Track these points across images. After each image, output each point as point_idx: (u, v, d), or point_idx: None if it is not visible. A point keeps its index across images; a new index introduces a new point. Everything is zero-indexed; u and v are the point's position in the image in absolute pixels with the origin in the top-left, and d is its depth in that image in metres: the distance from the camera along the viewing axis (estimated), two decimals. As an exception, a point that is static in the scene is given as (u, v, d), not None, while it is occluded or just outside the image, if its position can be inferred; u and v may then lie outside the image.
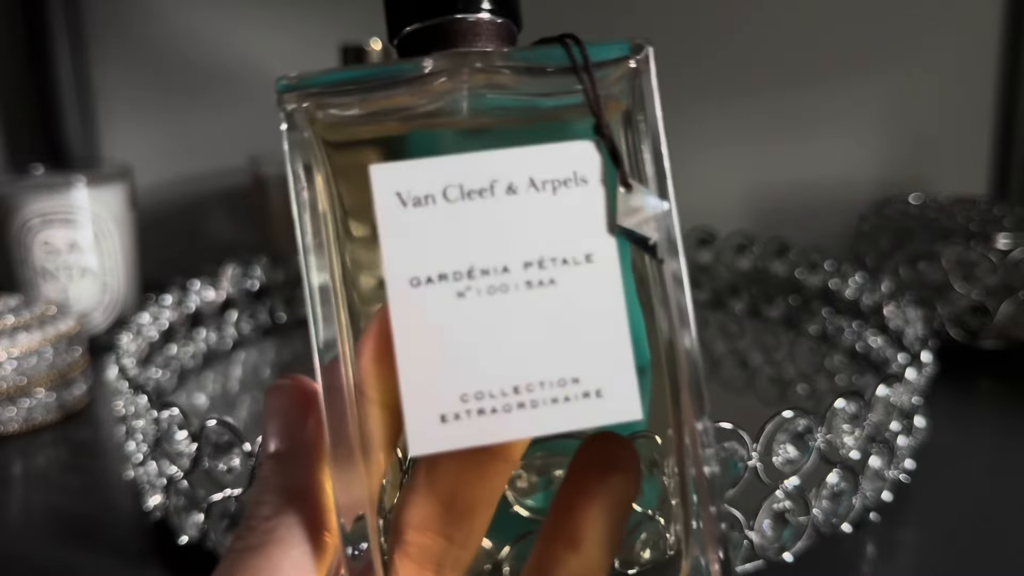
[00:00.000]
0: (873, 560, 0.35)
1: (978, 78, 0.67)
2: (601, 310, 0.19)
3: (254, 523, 0.20)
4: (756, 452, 0.32)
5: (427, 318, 0.19)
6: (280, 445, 0.21)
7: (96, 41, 0.81)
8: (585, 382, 0.19)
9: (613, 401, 0.19)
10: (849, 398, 0.34)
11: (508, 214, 0.19)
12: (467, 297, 0.19)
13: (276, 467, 0.21)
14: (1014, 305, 0.54)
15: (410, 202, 0.19)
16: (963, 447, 0.44)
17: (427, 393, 0.19)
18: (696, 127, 0.72)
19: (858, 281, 0.54)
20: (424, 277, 0.19)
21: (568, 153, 0.20)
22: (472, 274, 0.19)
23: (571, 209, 0.19)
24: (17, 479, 0.45)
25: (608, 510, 0.19)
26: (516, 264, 0.19)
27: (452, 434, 0.19)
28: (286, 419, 0.22)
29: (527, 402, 0.19)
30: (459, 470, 0.19)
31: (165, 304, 0.54)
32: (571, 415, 0.19)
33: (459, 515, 0.20)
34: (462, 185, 0.19)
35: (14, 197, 0.60)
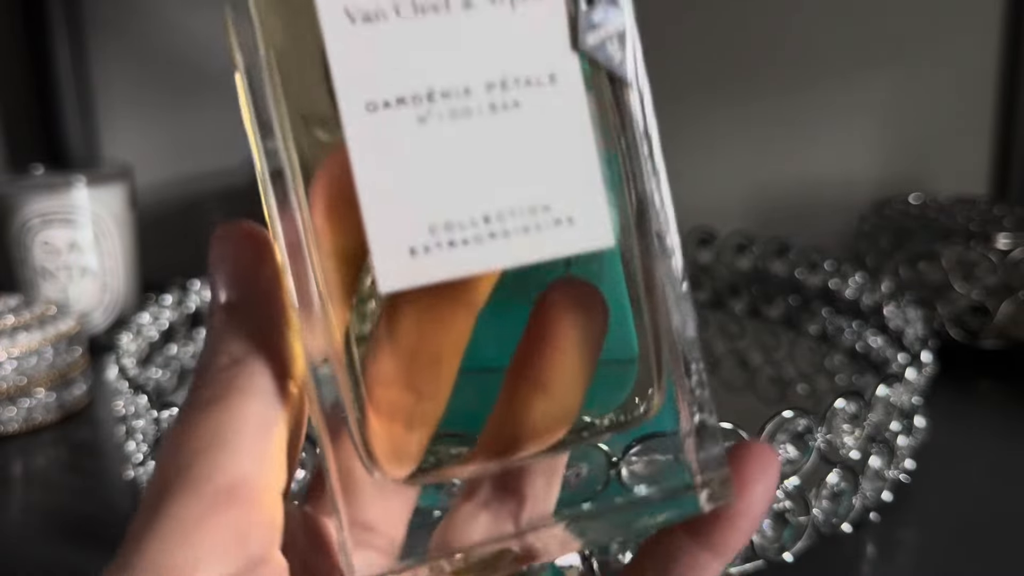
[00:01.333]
0: (873, 560, 0.35)
1: (978, 78, 0.67)
2: (568, 133, 0.18)
3: (210, 374, 0.19)
4: (756, 452, 0.32)
5: (388, 145, 0.18)
6: (232, 294, 0.20)
7: (96, 41, 0.81)
8: (556, 209, 0.18)
9: (584, 227, 0.18)
10: (849, 398, 0.34)
11: (465, 31, 0.18)
12: (429, 122, 0.18)
13: (230, 316, 0.19)
14: (1014, 305, 0.54)
15: (359, 17, 0.18)
16: (963, 447, 0.44)
17: (394, 226, 0.18)
18: (696, 127, 0.72)
19: (858, 281, 0.54)
20: (381, 101, 0.18)
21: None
22: (432, 97, 0.18)
23: (531, 25, 0.18)
24: (17, 479, 0.45)
25: (575, 350, 0.19)
26: (478, 86, 0.18)
27: (423, 267, 0.18)
28: (238, 266, 0.20)
29: (498, 231, 0.18)
30: (421, 317, 0.18)
31: (165, 304, 0.54)
32: (543, 243, 0.18)
33: (424, 366, 0.19)
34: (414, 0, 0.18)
35: (14, 197, 0.60)
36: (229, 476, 0.17)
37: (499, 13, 0.18)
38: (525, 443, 0.19)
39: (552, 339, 0.19)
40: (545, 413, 0.19)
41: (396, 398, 0.19)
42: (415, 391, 0.19)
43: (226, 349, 0.19)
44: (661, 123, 0.21)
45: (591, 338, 0.19)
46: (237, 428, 0.18)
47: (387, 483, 0.19)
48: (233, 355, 0.19)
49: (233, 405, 0.18)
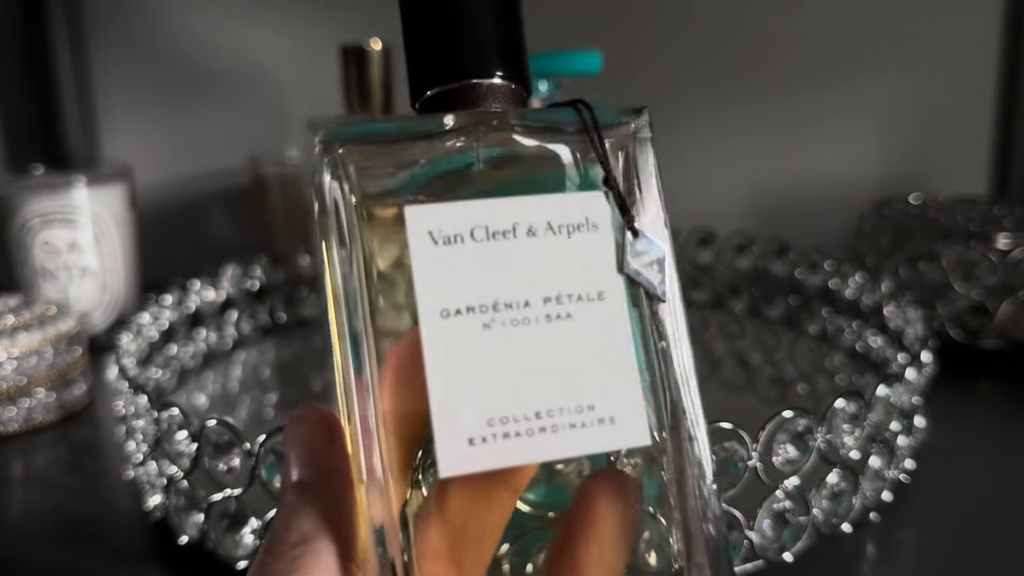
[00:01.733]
0: (873, 560, 0.35)
1: (978, 78, 0.67)
2: (612, 343, 0.21)
3: (281, 549, 0.20)
4: (756, 452, 0.32)
5: (456, 347, 0.20)
6: (304, 473, 0.22)
7: (96, 41, 0.81)
8: (599, 409, 0.21)
9: (624, 427, 0.21)
10: (849, 398, 0.34)
11: (528, 254, 0.21)
12: (492, 328, 0.21)
13: (301, 495, 0.21)
14: (1014, 305, 0.54)
15: (441, 240, 0.21)
16: (963, 447, 0.44)
17: (456, 418, 0.20)
18: (696, 127, 0.72)
19: (858, 281, 0.54)
20: (453, 309, 0.21)
21: (581, 201, 0.22)
22: (497, 307, 0.21)
23: (584, 251, 0.22)
24: (17, 479, 0.45)
25: (612, 538, 0.20)
26: (536, 299, 0.21)
27: (480, 456, 0.20)
28: (310, 447, 0.22)
29: (548, 427, 0.20)
30: (469, 501, 0.20)
31: (165, 304, 0.54)
32: (587, 439, 0.21)
33: (469, 544, 0.21)
34: (487, 226, 0.21)
35: (14, 197, 0.60)
36: None
37: (557, 240, 0.22)
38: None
39: (593, 529, 0.20)
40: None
41: (441, 571, 0.20)
42: (458, 565, 0.20)
43: (296, 527, 0.21)
44: (662, 123, 0.22)
45: (625, 528, 0.21)
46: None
47: None
48: (303, 533, 0.21)
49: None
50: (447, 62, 0.23)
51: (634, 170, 0.23)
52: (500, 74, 0.23)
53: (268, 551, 0.21)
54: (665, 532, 0.23)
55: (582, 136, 0.22)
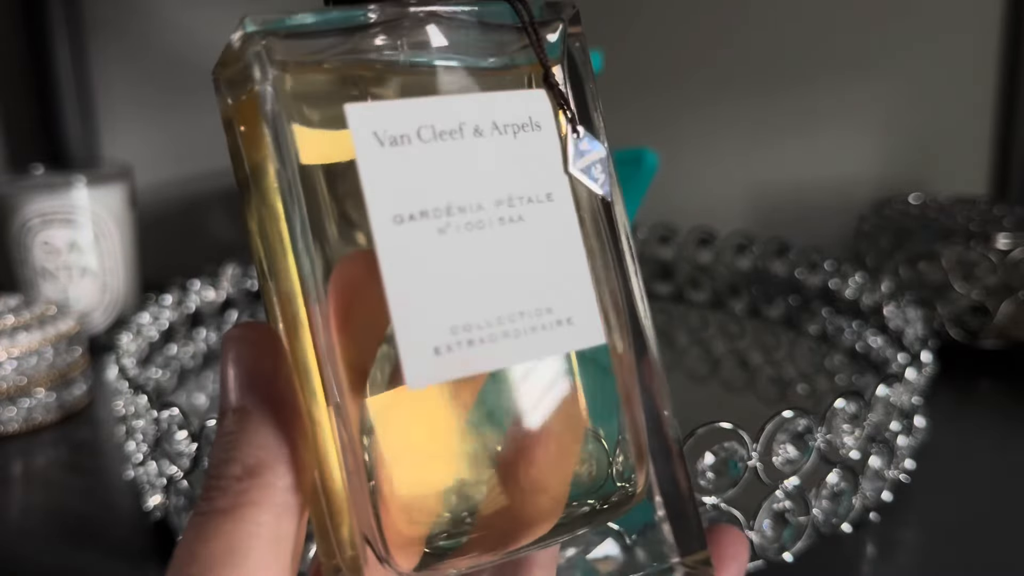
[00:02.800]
0: (873, 560, 0.35)
1: (978, 78, 0.67)
2: (563, 244, 0.21)
3: (223, 483, 0.19)
4: (756, 452, 0.32)
5: (413, 254, 0.19)
6: (246, 398, 0.20)
7: (96, 41, 0.81)
8: (557, 311, 0.20)
9: (581, 327, 0.21)
10: (849, 398, 0.34)
11: (477, 155, 0.20)
12: (448, 233, 0.20)
13: (243, 422, 0.19)
14: (1014, 305, 0.54)
15: (387, 141, 0.19)
16: (963, 447, 0.44)
17: (420, 328, 0.19)
18: (696, 127, 0.72)
19: (858, 281, 0.54)
20: (407, 214, 0.19)
21: (524, 100, 0.21)
22: (451, 211, 0.20)
23: (530, 152, 0.21)
24: (17, 479, 0.45)
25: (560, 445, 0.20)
26: (488, 202, 0.20)
27: (446, 365, 0.19)
28: (251, 369, 0.20)
29: (510, 331, 0.20)
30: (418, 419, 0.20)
31: (165, 304, 0.54)
32: (548, 342, 0.20)
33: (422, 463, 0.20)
34: (434, 126, 0.20)
35: (14, 197, 0.60)
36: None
37: (504, 140, 0.21)
38: (519, 535, 0.20)
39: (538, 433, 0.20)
40: (536, 504, 0.20)
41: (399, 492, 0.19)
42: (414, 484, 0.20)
43: (239, 457, 0.19)
44: (663, 123, 0.22)
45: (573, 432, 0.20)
46: (251, 542, 0.18)
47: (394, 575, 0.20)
48: (246, 465, 0.19)
49: (248, 517, 0.18)
50: None
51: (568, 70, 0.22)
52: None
53: (210, 484, 0.19)
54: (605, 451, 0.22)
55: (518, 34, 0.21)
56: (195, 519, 0.19)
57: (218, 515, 0.18)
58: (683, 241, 0.65)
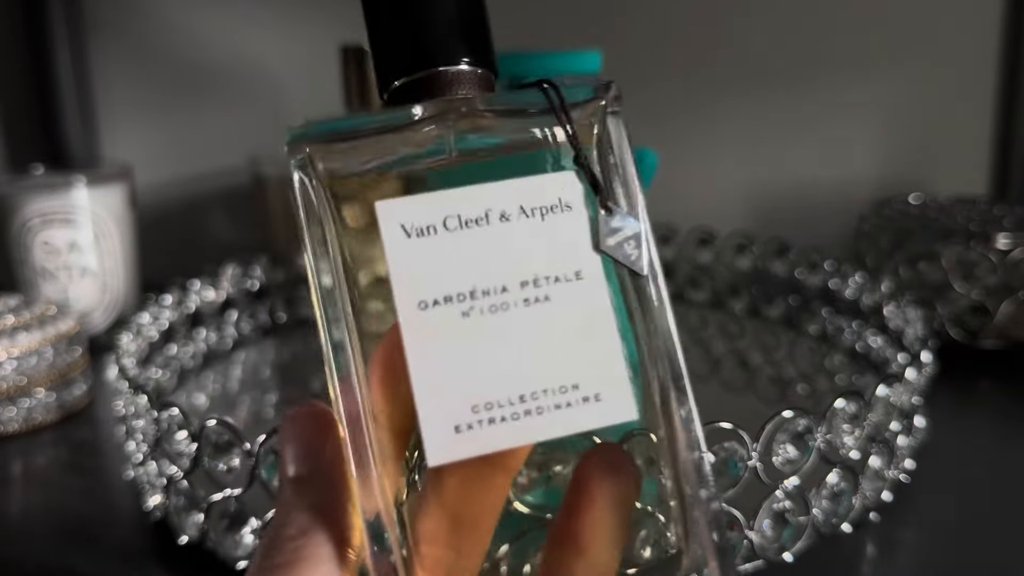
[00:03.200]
0: (873, 560, 0.35)
1: (978, 78, 0.67)
2: (593, 321, 0.21)
3: (280, 543, 0.21)
4: (756, 452, 0.32)
5: (436, 337, 0.20)
6: (300, 469, 0.22)
7: (96, 41, 0.81)
8: (584, 388, 0.21)
9: (610, 404, 0.21)
10: (849, 398, 0.34)
11: (503, 239, 0.21)
12: (471, 316, 0.21)
13: (298, 489, 0.22)
14: (1014, 305, 0.54)
15: (414, 233, 0.21)
16: (963, 447, 0.44)
17: (441, 407, 0.20)
18: (696, 127, 0.72)
19: (858, 281, 0.54)
20: (431, 300, 0.21)
21: (553, 182, 0.22)
22: (475, 295, 0.21)
23: (559, 232, 0.22)
24: (17, 479, 0.45)
25: (609, 513, 0.20)
26: (513, 284, 0.21)
27: (466, 443, 0.20)
28: (305, 444, 0.23)
29: (532, 409, 0.20)
30: (463, 484, 0.21)
31: (165, 304, 0.54)
32: (573, 418, 0.21)
33: (465, 527, 0.21)
34: (460, 215, 0.21)
35: (14, 197, 0.60)
36: None
37: (531, 223, 0.21)
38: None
39: (590, 504, 0.20)
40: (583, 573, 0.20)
41: (440, 555, 0.21)
42: (455, 549, 0.21)
43: (294, 521, 0.21)
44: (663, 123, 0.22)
45: (624, 502, 0.21)
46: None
47: None
48: (300, 526, 0.21)
49: (302, 571, 0.20)
50: (412, 51, 0.23)
51: (607, 146, 0.23)
52: (466, 60, 0.23)
53: (268, 546, 0.21)
54: (663, 528, 0.23)
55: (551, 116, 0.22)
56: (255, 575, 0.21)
57: (276, 570, 0.21)
58: (683, 241, 0.65)
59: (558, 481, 0.22)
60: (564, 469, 0.23)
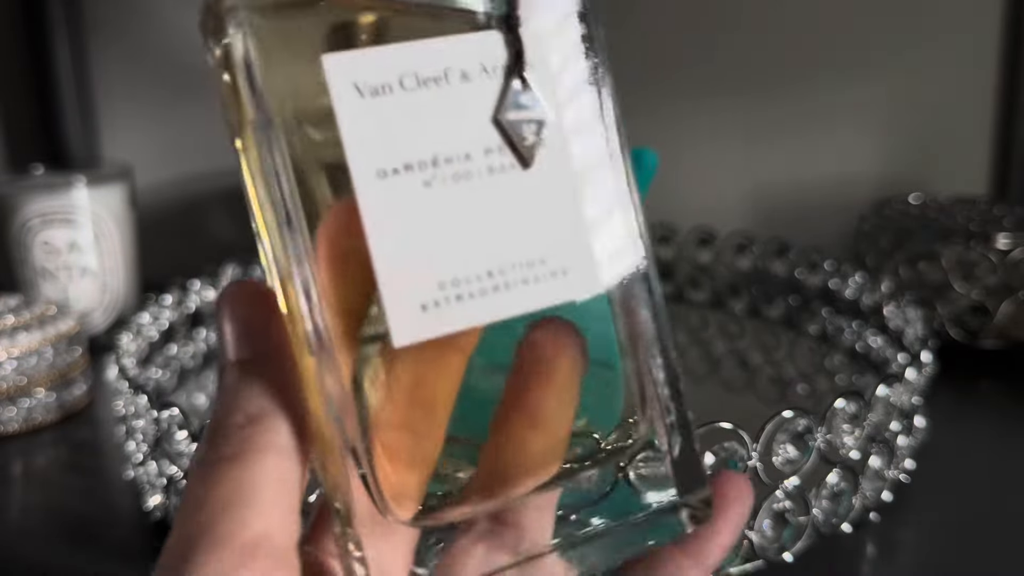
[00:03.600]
0: (873, 560, 0.35)
1: (978, 78, 0.67)
2: (553, 194, 0.20)
3: (227, 431, 0.19)
4: (756, 452, 0.32)
5: (398, 209, 0.19)
6: (244, 351, 0.20)
7: (96, 41, 0.81)
8: (550, 262, 0.20)
9: (577, 278, 0.20)
10: (849, 398, 0.34)
11: (464, 101, 0.19)
12: (433, 185, 0.19)
13: (243, 373, 0.20)
14: (1014, 305, 0.54)
15: (367, 92, 0.19)
16: (963, 447, 0.44)
17: (406, 284, 0.19)
18: (696, 127, 0.72)
19: (858, 281, 0.54)
20: (390, 168, 0.19)
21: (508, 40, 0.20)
22: (436, 162, 0.19)
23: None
24: (17, 479, 0.45)
25: (563, 384, 0.20)
26: (477, 151, 0.19)
27: (433, 321, 0.19)
28: (247, 324, 0.20)
29: (500, 284, 0.19)
30: (418, 366, 0.19)
31: (165, 304, 0.54)
32: (541, 293, 0.20)
33: (422, 410, 0.20)
34: (417, 73, 0.19)
35: (14, 197, 0.60)
36: (253, 532, 0.18)
37: (493, 84, 0.20)
38: (519, 480, 0.20)
39: (538, 376, 0.20)
40: (537, 448, 0.20)
41: (398, 439, 0.20)
42: (412, 431, 0.20)
43: (241, 407, 0.19)
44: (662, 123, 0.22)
45: (573, 373, 0.20)
46: (258, 485, 0.18)
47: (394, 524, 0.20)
48: (248, 413, 0.19)
49: (253, 462, 0.19)
50: None
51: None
52: None
53: (212, 436, 0.19)
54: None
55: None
56: (199, 468, 0.19)
57: (223, 462, 0.19)
58: (683, 241, 0.65)
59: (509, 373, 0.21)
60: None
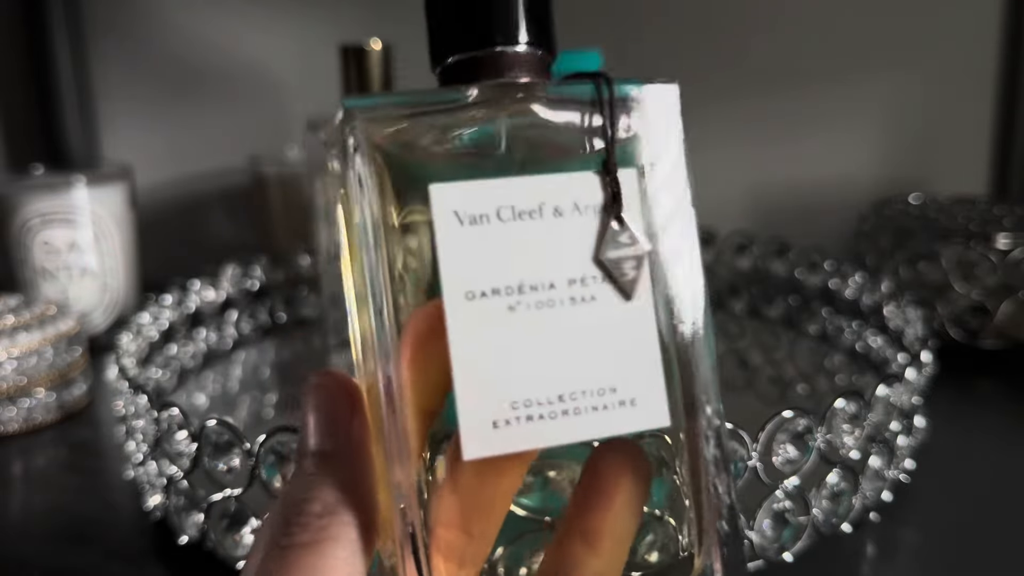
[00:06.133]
0: (873, 560, 0.35)
1: (978, 78, 0.67)
2: (633, 326, 0.21)
3: (305, 520, 0.20)
4: (756, 452, 0.32)
5: (481, 330, 0.20)
6: (325, 443, 0.21)
7: (96, 41, 0.81)
8: (621, 392, 0.21)
9: (645, 409, 0.21)
10: (849, 398, 0.34)
11: (554, 234, 0.21)
12: (517, 311, 0.20)
13: (322, 464, 0.21)
14: (1014, 305, 0.54)
15: (467, 220, 0.20)
16: (963, 447, 0.44)
17: (481, 400, 0.20)
18: (696, 127, 0.72)
19: (858, 281, 0.54)
20: (479, 291, 0.20)
21: (606, 182, 0.21)
22: (522, 289, 0.21)
23: None
24: (17, 479, 0.45)
25: (623, 510, 0.20)
26: (561, 281, 0.21)
27: (503, 438, 0.20)
28: (330, 415, 0.22)
29: (571, 409, 0.20)
30: (482, 471, 0.20)
31: (165, 304, 0.54)
32: (609, 422, 0.21)
33: (480, 513, 0.21)
34: (514, 206, 0.21)
35: (14, 197, 0.60)
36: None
37: (583, 221, 0.21)
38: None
39: (603, 497, 0.20)
40: (594, 568, 0.20)
41: (453, 538, 0.21)
42: (468, 534, 0.21)
43: (319, 497, 0.20)
44: None
45: (638, 499, 0.21)
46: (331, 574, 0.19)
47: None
48: (326, 503, 0.20)
49: (327, 552, 0.20)
50: (471, 26, 0.22)
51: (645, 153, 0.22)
52: (526, 40, 0.22)
53: (289, 522, 0.20)
54: (673, 532, 0.23)
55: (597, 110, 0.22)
56: (275, 552, 0.20)
57: (300, 549, 0.20)
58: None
59: (554, 486, 0.22)
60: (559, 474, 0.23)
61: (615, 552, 0.20)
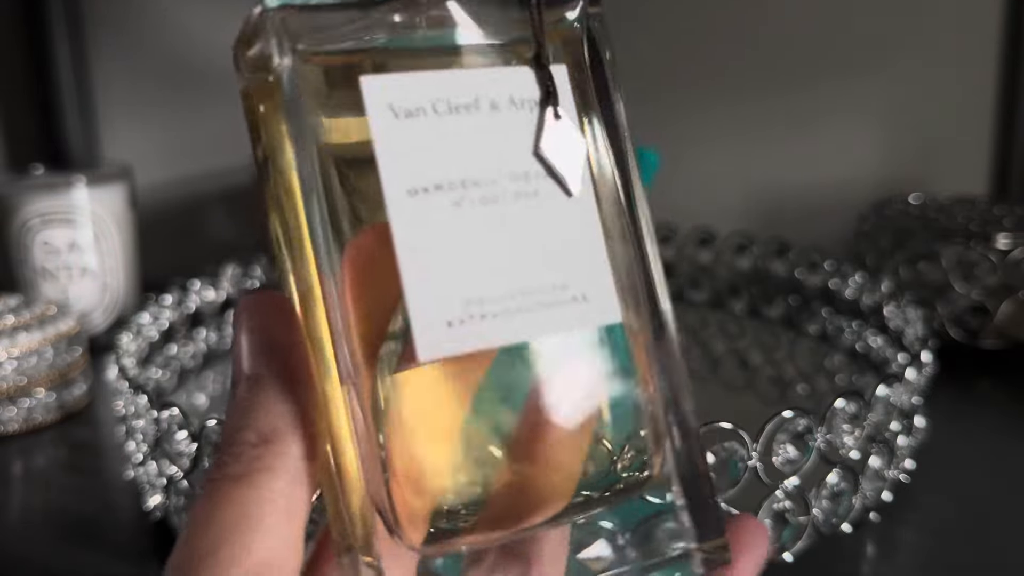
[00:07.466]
0: (873, 560, 0.35)
1: (978, 78, 0.67)
2: (579, 221, 0.21)
3: (237, 450, 0.19)
4: (756, 452, 0.32)
5: (427, 227, 0.19)
6: (261, 366, 0.20)
7: (96, 41, 0.81)
8: (572, 288, 0.20)
9: (597, 304, 0.20)
10: (849, 398, 0.34)
11: (493, 129, 0.20)
12: (463, 206, 0.19)
13: (257, 390, 0.19)
14: (1014, 305, 0.54)
15: (402, 114, 0.19)
16: (963, 447, 0.44)
17: (433, 300, 0.19)
18: (696, 127, 0.72)
19: (858, 281, 0.54)
20: (422, 187, 0.19)
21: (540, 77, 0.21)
22: (466, 184, 0.20)
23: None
24: (17, 479, 0.45)
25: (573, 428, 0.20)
26: (503, 176, 0.20)
27: (458, 339, 0.19)
28: (267, 337, 0.20)
29: (523, 306, 0.20)
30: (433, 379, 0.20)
31: (165, 304, 0.54)
32: (563, 318, 0.20)
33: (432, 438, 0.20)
34: (450, 99, 0.20)
35: (14, 197, 0.60)
36: (256, 559, 0.18)
37: (521, 115, 0.20)
38: (528, 514, 0.20)
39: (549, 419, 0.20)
40: (547, 483, 0.20)
41: (409, 466, 0.19)
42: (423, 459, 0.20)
43: (253, 425, 0.19)
44: (663, 123, 0.22)
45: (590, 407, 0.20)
46: (265, 509, 0.18)
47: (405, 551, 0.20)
48: (260, 432, 0.19)
49: (262, 484, 0.18)
50: None
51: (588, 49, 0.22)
52: None
53: (224, 453, 0.19)
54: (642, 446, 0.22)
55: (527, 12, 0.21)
56: (208, 485, 0.19)
57: (231, 481, 0.18)
58: (683, 241, 0.65)
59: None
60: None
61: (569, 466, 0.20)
